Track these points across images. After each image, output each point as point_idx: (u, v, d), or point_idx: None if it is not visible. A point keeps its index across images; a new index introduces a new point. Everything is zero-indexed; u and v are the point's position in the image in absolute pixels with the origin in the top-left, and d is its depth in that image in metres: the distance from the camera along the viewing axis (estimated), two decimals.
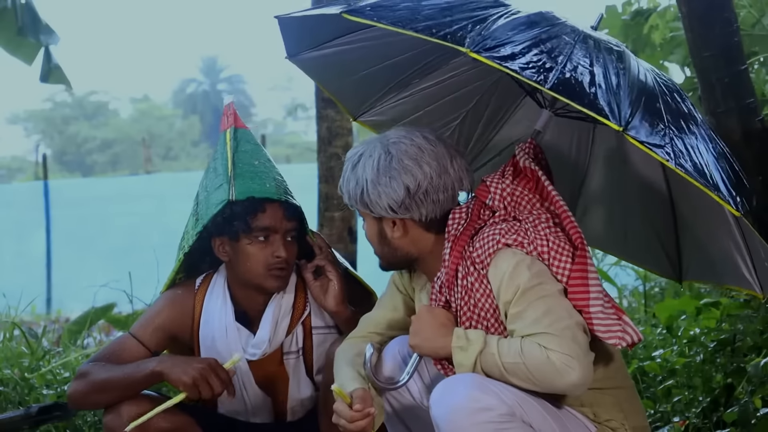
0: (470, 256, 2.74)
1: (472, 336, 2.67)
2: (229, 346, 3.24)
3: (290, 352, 3.29)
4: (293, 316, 3.27)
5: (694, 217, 3.08)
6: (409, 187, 2.78)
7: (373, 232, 2.88)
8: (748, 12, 5.00)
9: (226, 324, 3.26)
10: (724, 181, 2.68)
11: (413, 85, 3.29)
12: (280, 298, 3.25)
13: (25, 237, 13.87)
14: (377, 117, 3.41)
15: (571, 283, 2.69)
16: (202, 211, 3.21)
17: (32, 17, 6.90)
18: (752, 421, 3.67)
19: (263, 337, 3.23)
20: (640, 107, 2.60)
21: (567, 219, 2.75)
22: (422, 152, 2.80)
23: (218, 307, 3.27)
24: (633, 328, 2.69)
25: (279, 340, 3.26)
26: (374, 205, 2.82)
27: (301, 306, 3.29)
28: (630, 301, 6.55)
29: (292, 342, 3.29)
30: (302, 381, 3.31)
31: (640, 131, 2.55)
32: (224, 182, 3.18)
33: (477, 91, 3.29)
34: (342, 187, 2.89)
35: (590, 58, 2.65)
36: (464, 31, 2.61)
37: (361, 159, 2.84)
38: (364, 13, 2.70)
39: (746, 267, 2.95)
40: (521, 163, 2.82)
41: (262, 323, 3.24)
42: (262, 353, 3.24)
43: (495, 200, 2.79)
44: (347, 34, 3.08)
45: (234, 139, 3.26)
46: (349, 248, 6.49)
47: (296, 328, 3.28)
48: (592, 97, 2.54)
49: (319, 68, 3.35)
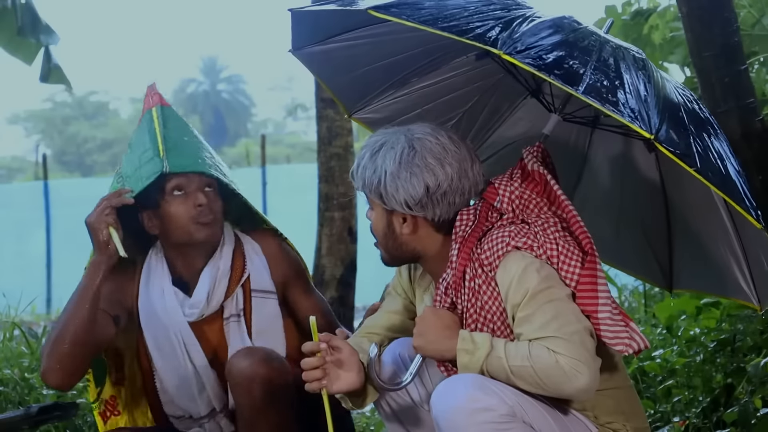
0: (478, 258, 2.72)
1: (478, 339, 2.65)
2: (166, 308, 3.26)
3: (231, 316, 3.31)
4: (232, 278, 3.30)
5: (690, 226, 3.07)
6: (429, 186, 2.75)
7: (380, 223, 2.84)
8: (748, 12, 5.00)
9: (163, 287, 3.28)
10: (745, 193, 2.67)
11: (411, 83, 3.27)
12: (218, 260, 3.28)
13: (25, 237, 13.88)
14: (373, 114, 3.39)
15: (580, 288, 2.67)
16: (130, 184, 3.23)
17: (32, 17, 6.91)
18: (752, 421, 3.67)
19: (200, 296, 3.25)
20: (666, 116, 2.59)
21: (576, 224, 2.73)
22: (446, 152, 2.77)
23: (157, 274, 3.30)
24: (640, 334, 2.68)
25: (218, 300, 3.27)
26: (389, 197, 2.78)
27: (240, 268, 3.32)
28: (630, 301, 6.55)
29: (232, 305, 3.30)
30: (243, 344, 3.28)
31: (669, 140, 2.54)
32: (154, 156, 3.23)
33: (476, 91, 3.28)
34: (355, 172, 2.84)
35: (617, 65, 2.64)
36: (493, 33, 2.60)
37: (382, 148, 2.79)
38: (390, 11, 2.68)
39: (743, 278, 2.94)
40: (529, 166, 2.79)
41: (200, 283, 3.26)
42: (200, 313, 3.26)
43: (503, 202, 2.76)
44: (353, 30, 3.06)
45: (161, 117, 3.32)
46: (349, 248, 6.50)
47: (236, 290, 3.30)
48: (623, 103, 2.52)
49: (321, 63, 3.33)
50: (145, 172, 3.22)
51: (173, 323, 3.28)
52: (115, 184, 3.28)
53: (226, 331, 3.31)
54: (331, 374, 2.77)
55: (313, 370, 2.75)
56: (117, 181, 3.29)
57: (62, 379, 3.15)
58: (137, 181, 3.22)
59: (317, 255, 6.41)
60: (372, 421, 4.95)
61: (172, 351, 3.30)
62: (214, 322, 3.31)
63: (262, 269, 3.35)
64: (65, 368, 3.13)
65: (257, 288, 3.34)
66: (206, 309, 3.27)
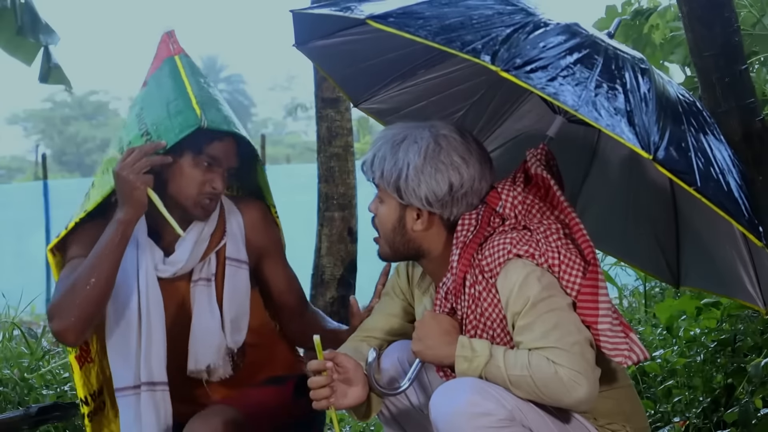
0: (479, 264, 2.71)
1: (477, 346, 2.64)
2: (136, 259, 3.16)
3: (200, 279, 3.23)
4: (210, 244, 3.24)
5: (698, 223, 3.06)
6: (453, 185, 2.73)
7: (391, 217, 2.81)
8: (749, 12, 4.99)
9: (138, 237, 3.16)
10: (747, 209, 2.65)
11: (419, 75, 3.24)
12: (203, 225, 3.21)
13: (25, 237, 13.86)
14: (379, 105, 3.36)
15: (580, 297, 2.66)
16: (160, 133, 3.07)
17: (32, 17, 6.89)
18: (753, 422, 3.66)
19: (181, 256, 3.17)
20: (667, 132, 2.57)
21: (579, 232, 2.71)
22: (470, 153, 2.75)
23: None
24: (639, 346, 2.67)
25: (193, 262, 3.21)
26: (409, 191, 2.75)
27: (218, 237, 3.26)
28: (630, 301, 6.54)
29: (203, 268, 3.24)
30: (211, 309, 3.22)
31: (669, 158, 2.51)
32: (186, 108, 3.08)
33: (483, 84, 3.25)
34: (371, 163, 2.80)
35: (618, 77, 2.62)
36: (493, 46, 2.56)
37: (404, 141, 2.76)
38: (388, 21, 2.65)
39: (750, 280, 2.93)
40: (532, 170, 2.78)
41: (183, 242, 3.17)
42: (174, 272, 3.18)
43: (506, 208, 2.74)
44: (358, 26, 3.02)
45: (187, 66, 3.19)
46: (349, 248, 6.49)
47: (210, 255, 3.25)
48: (621, 121, 2.50)
49: (326, 56, 3.32)
50: (177, 124, 3.07)
51: (143, 277, 3.16)
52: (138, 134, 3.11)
53: (193, 293, 3.23)
54: (338, 390, 2.76)
55: (321, 388, 2.74)
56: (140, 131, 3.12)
57: (80, 337, 3.05)
58: (168, 133, 3.06)
59: (317, 255, 6.40)
60: (372, 421, 4.94)
61: (126, 303, 3.16)
62: (181, 281, 3.24)
63: (239, 239, 3.29)
64: (87, 326, 3.03)
65: (232, 257, 3.28)
66: (180, 271, 3.19)
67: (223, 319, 3.24)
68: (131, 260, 3.16)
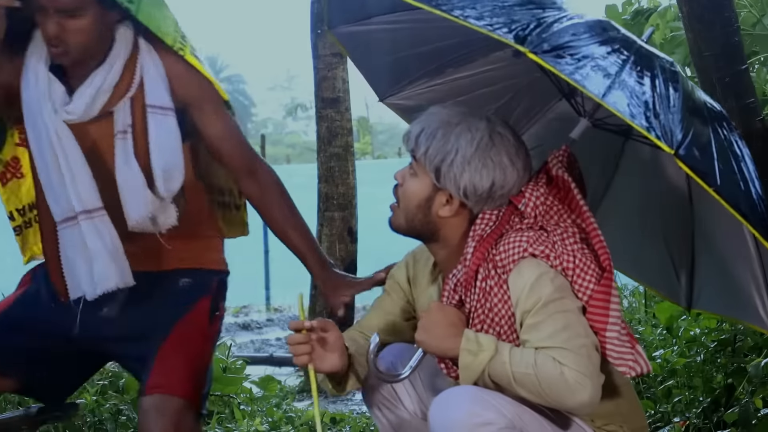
0: (493, 259, 2.69)
1: (483, 341, 2.61)
2: (38, 96, 3.03)
3: (119, 132, 3.07)
4: (116, 89, 3.06)
5: (714, 243, 3.03)
6: (495, 183, 2.70)
7: (420, 194, 2.76)
8: (749, 12, 4.99)
9: (38, 72, 3.05)
10: (764, 219, 2.64)
11: (447, 73, 3.20)
12: (107, 71, 3.04)
13: None
14: (404, 101, 3.32)
15: (591, 303, 2.64)
16: None
17: None
18: (753, 422, 3.67)
19: (77, 107, 3.03)
20: (691, 132, 2.55)
21: (596, 238, 2.69)
22: (518, 157, 2.73)
23: (35, 54, 3.07)
24: (644, 358, 2.66)
25: (94, 112, 3.04)
26: (449, 177, 2.71)
27: (128, 81, 3.08)
28: (630, 301, 6.54)
29: (119, 120, 3.07)
30: (127, 162, 3.06)
31: (690, 155, 2.49)
32: None
33: (512, 88, 3.21)
34: (419, 136, 2.74)
35: (646, 75, 2.60)
36: (524, 31, 2.55)
37: (459, 126, 2.71)
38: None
39: (762, 303, 2.89)
40: (554, 172, 2.75)
41: (83, 89, 3.04)
42: (73, 119, 3.04)
43: (528, 206, 2.71)
44: (393, 12, 3.00)
45: None
46: (349, 248, 6.50)
47: (121, 103, 3.07)
48: (646, 114, 2.49)
49: (356, 44, 3.28)
50: None
51: (45, 113, 3.05)
52: None
53: (116, 146, 3.07)
54: (316, 352, 2.76)
55: (301, 344, 2.75)
56: None
57: None
58: None
59: None
60: (372, 421, 4.95)
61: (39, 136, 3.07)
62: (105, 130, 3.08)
63: (159, 82, 3.10)
64: None
65: (155, 104, 3.08)
66: (83, 117, 3.05)
67: (153, 168, 3.07)
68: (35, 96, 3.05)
